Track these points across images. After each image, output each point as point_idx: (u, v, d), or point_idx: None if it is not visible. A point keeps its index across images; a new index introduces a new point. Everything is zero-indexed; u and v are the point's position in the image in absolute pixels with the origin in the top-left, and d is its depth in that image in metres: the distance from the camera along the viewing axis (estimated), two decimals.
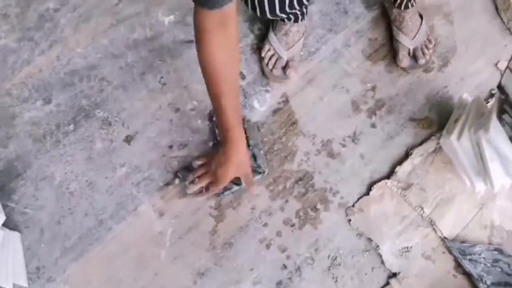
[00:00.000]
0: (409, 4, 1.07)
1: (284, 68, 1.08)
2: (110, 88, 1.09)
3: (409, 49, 1.11)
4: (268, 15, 0.98)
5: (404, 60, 1.10)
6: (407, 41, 1.10)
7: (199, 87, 1.09)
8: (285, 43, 1.08)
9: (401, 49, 1.11)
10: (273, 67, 1.08)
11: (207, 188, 0.96)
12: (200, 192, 0.97)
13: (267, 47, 1.09)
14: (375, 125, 1.08)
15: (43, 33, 1.13)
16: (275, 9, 0.96)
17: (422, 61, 1.10)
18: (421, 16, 1.13)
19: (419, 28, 1.11)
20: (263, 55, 1.09)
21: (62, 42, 1.13)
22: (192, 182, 0.96)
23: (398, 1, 1.06)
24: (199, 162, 0.99)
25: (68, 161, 1.02)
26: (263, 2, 0.94)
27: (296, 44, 1.08)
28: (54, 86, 1.09)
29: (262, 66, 1.10)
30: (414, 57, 1.11)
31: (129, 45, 1.13)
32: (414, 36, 1.10)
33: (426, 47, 1.12)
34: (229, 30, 0.79)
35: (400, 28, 1.11)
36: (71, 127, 1.05)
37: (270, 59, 1.09)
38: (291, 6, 0.96)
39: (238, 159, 0.92)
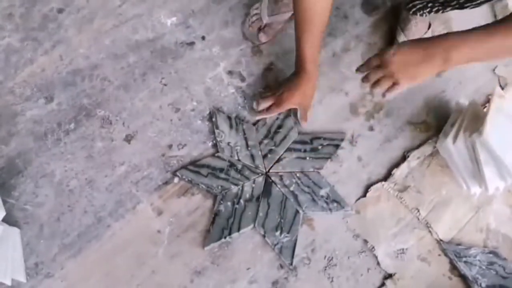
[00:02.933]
0: (419, 14, 1.08)
1: (260, 30, 1.13)
2: (112, 88, 1.10)
3: None
4: None
5: None
6: None
7: (199, 88, 1.11)
8: (271, 10, 1.12)
9: None
10: (250, 25, 1.14)
11: (268, 109, 1.03)
12: (261, 111, 1.05)
13: (256, 5, 1.15)
14: (373, 128, 1.09)
15: (46, 33, 1.15)
16: None
17: None
18: (429, 26, 1.13)
19: (423, 35, 1.12)
20: (250, 11, 1.15)
21: (65, 42, 1.14)
22: (258, 102, 1.05)
23: (410, 5, 1.07)
24: (266, 90, 1.06)
25: (68, 159, 1.03)
26: None
27: (280, 14, 1.12)
28: (56, 85, 1.10)
29: (245, 21, 1.16)
30: None
31: (131, 46, 1.15)
32: None
33: None
34: None
35: (403, 30, 1.12)
36: (72, 125, 1.06)
37: (252, 17, 1.14)
38: None
39: (306, 90, 1.00)
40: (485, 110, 1.05)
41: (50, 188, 1.01)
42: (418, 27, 1.11)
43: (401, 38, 1.12)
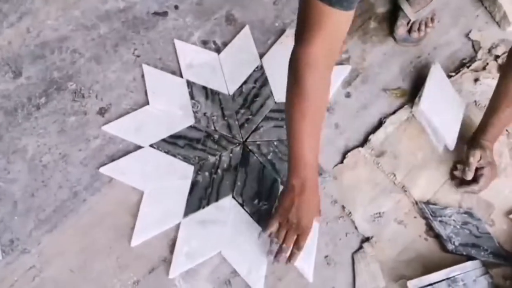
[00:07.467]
0: None
1: None
2: (83, 60, 1.08)
3: (409, 20, 1.10)
4: None
5: (401, 28, 1.11)
6: (410, 12, 1.10)
7: (173, 58, 1.09)
8: None
9: (401, 18, 1.11)
10: None
11: (296, 244, 0.86)
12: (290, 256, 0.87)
13: None
14: (350, 95, 1.09)
15: (11, 5, 1.11)
16: None
17: (414, 35, 1.11)
18: None
19: (428, 4, 1.09)
20: None
21: (32, 14, 1.11)
22: (278, 253, 0.86)
23: None
24: (268, 232, 0.87)
25: (40, 133, 1.01)
26: None
27: None
28: (24, 59, 1.06)
29: None
30: (410, 29, 1.11)
31: (101, 16, 1.12)
32: (418, 10, 1.10)
33: (426, 24, 1.12)
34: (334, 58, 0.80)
35: None
36: (43, 99, 1.03)
37: None
38: None
39: (317, 200, 0.88)
40: (453, 75, 1.07)
41: (22, 164, 0.98)
42: None
43: (405, 6, 1.10)
